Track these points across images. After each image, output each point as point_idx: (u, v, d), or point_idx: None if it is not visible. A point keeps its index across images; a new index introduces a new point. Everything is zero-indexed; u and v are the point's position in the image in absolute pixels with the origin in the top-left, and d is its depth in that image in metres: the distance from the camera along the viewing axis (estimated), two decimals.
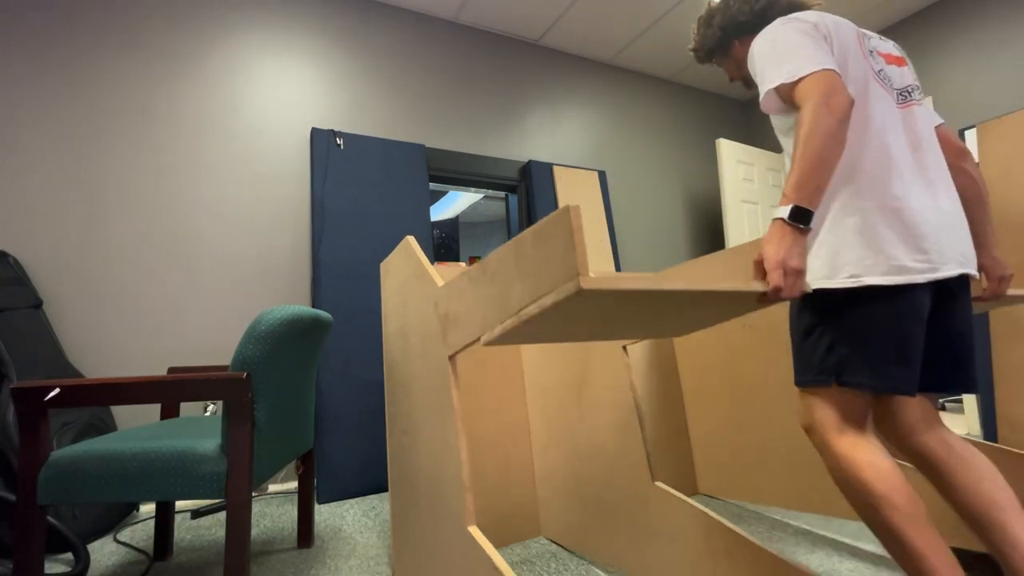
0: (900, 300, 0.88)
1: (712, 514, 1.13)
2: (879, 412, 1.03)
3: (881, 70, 1.00)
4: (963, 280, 0.96)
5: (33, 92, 2.14)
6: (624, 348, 1.38)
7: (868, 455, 0.87)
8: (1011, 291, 1.13)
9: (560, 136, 3.48)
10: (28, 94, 2.13)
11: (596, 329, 0.91)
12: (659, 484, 1.25)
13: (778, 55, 0.95)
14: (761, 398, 1.76)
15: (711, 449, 1.93)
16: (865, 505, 0.86)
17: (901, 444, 1.01)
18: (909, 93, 1.01)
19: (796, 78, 0.89)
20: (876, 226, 0.89)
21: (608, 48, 3.59)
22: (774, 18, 1.09)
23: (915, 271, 0.88)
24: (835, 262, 0.91)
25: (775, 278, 0.78)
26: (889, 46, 1.08)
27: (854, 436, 0.90)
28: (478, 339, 0.89)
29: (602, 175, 3.49)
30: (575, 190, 3.32)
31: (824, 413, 0.93)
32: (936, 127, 1.07)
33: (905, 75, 1.04)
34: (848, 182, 0.92)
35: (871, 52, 1.02)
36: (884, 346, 0.89)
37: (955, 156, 1.09)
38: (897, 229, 0.89)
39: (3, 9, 2.13)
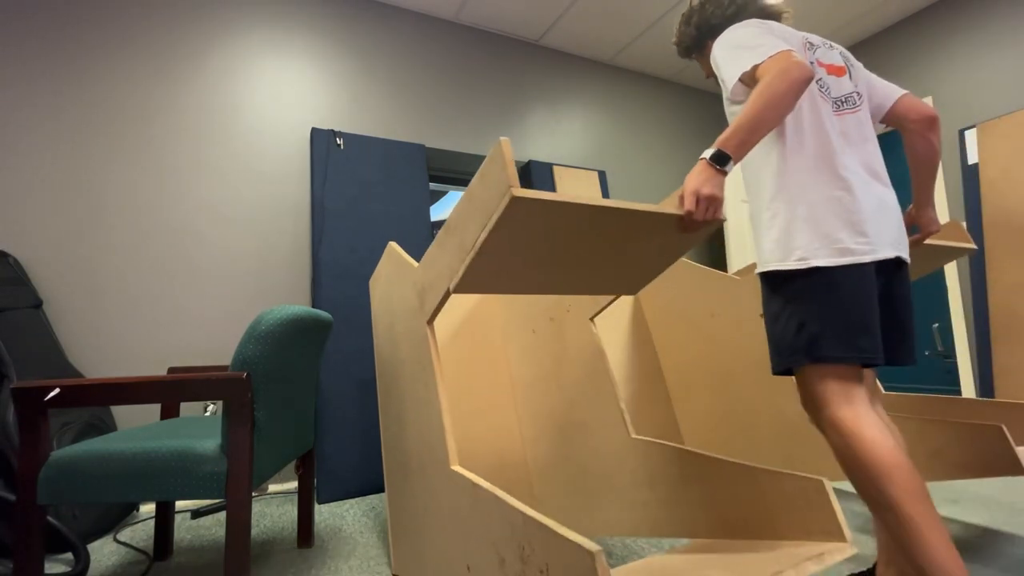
0: (853, 278, 0.97)
1: (688, 448, 1.17)
2: None
3: (820, 79, 1.11)
4: (898, 261, 1.06)
5: (33, 92, 2.14)
6: (592, 320, 1.44)
7: (871, 431, 0.91)
8: (933, 241, 1.41)
9: (560, 136, 3.48)
10: (28, 94, 2.13)
11: (548, 274, 0.98)
12: (636, 436, 1.29)
13: (740, 49, 1.06)
14: (739, 384, 1.82)
15: (704, 441, 1.97)
16: (867, 480, 0.89)
17: None
18: (844, 102, 1.12)
19: (759, 61, 0.99)
20: (822, 214, 1.00)
21: (608, 48, 3.59)
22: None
23: (859, 252, 0.98)
24: (787, 246, 1.01)
25: (689, 203, 0.89)
26: (834, 55, 1.17)
27: (854, 410, 0.94)
28: (447, 291, 0.95)
29: (602, 175, 3.49)
30: (575, 190, 3.32)
31: (820, 391, 0.98)
32: (900, 97, 1.20)
33: (843, 84, 1.13)
34: (795, 174, 1.03)
35: (813, 63, 1.12)
36: (849, 319, 0.96)
37: (922, 125, 1.19)
38: (840, 216, 0.99)
39: (3, 9, 2.13)
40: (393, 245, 1.35)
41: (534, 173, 3.18)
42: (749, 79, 1.02)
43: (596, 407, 1.41)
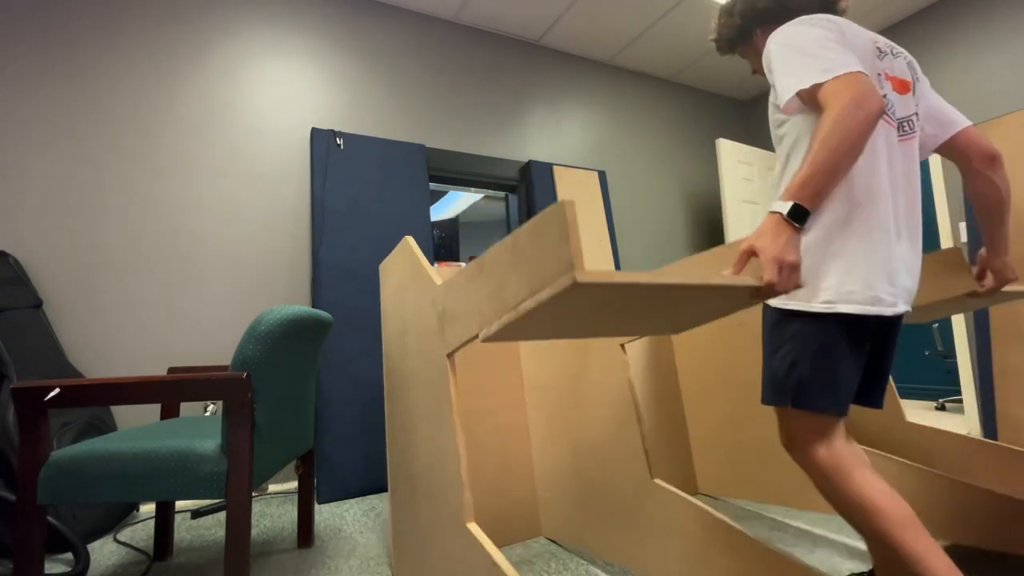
0: (861, 329, 0.93)
1: (711, 511, 1.14)
2: None
3: (885, 95, 0.97)
4: (903, 315, 1.01)
5: (33, 91, 2.14)
6: (622, 346, 1.38)
7: (853, 466, 0.89)
8: (1009, 288, 1.20)
9: (560, 136, 3.48)
10: (28, 93, 2.13)
11: (593, 325, 0.92)
12: (658, 481, 1.25)
13: (802, 55, 0.91)
14: (757, 396, 1.77)
15: (710, 449, 1.93)
16: (860, 518, 0.88)
17: None
18: (909, 124, 1.00)
19: (824, 79, 0.86)
20: (858, 256, 0.91)
21: (608, 48, 3.59)
22: (797, 8, 1.08)
23: (887, 304, 0.91)
24: (813, 285, 0.93)
25: (771, 272, 0.76)
26: (901, 65, 1.04)
27: (834, 449, 0.92)
28: (476, 336, 0.90)
29: (602, 175, 3.49)
30: (575, 190, 3.32)
31: (801, 429, 0.95)
32: (963, 129, 1.07)
33: (908, 103, 1.01)
34: (838, 207, 0.93)
35: (880, 75, 0.99)
36: (841, 371, 0.93)
37: (983, 163, 1.06)
38: (876, 262, 0.91)
39: (3, 9, 2.13)
40: (409, 240, 1.29)
41: (534, 173, 3.18)
42: (808, 97, 0.89)
43: (616, 436, 1.35)
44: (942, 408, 3.97)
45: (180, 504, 2.08)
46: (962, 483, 1.30)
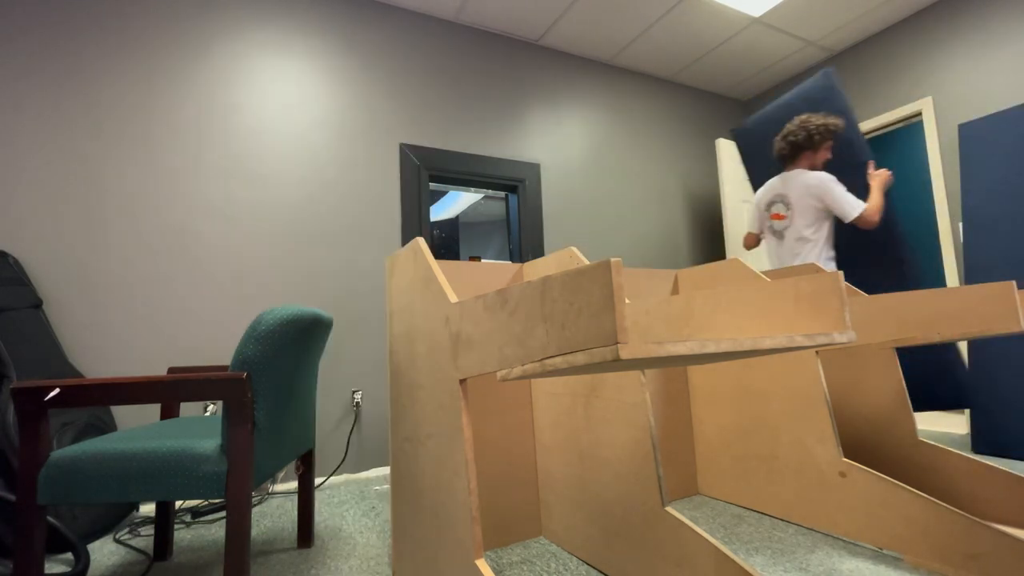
0: None
1: (726, 551, 1.09)
2: None
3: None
4: None
5: (33, 91, 2.14)
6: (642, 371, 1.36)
7: None
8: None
9: (560, 136, 3.48)
10: (28, 92, 2.13)
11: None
12: (669, 510, 1.22)
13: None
14: (770, 407, 1.73)
15: (715, 451, 1.92)
16: None
17: None
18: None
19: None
20: None
21: (608, 48, 3.59)
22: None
23: None
24: None
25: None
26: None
27: None
28: (493, 372, 0.89)
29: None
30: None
31: None
32: None
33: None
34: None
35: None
36: None
37: None
38: None
39: (2, 8, 2.13)
40: (421, 243, 1.27)
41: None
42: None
43: (629, 458, 1.32)
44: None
45: (180, 504, 2.08)
46: (983, 525, 1.27)
